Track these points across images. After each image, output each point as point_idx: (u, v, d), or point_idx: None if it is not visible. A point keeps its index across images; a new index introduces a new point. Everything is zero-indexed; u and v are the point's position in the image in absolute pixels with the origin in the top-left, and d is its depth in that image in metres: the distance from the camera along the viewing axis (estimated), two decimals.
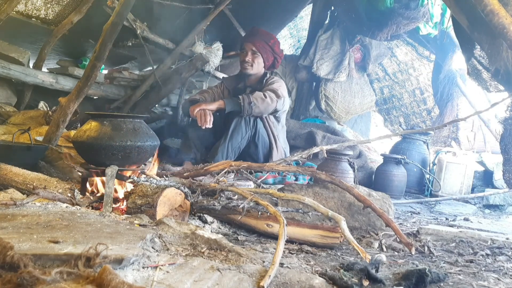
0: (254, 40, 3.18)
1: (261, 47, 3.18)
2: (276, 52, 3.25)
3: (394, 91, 5.60)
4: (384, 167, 3.18)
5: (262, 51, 3.19)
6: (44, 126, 3.10)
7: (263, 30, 3.27)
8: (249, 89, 3.26)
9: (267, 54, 3.21)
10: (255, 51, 3.18)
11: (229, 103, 2.92)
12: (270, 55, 3.24)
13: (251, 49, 3.18)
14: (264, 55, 3.20)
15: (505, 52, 1.97)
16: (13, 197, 1.63)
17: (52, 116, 2.86)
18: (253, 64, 3.19)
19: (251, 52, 3.19)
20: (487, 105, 4.61)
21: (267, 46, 3.20)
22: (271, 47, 3.21)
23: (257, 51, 3.17)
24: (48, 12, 3.49)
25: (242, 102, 2.88)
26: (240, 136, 3.00)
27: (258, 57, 3.19)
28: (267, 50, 3.21)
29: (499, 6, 1.79)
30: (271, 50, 3.22)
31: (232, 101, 2.93)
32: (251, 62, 3.19)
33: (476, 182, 3.51)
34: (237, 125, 2.98)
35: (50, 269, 0.83)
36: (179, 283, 0.96)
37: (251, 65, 3.20)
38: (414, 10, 3.74)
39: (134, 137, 1.84)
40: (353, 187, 1.81)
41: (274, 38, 3.28)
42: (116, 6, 2.33)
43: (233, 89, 3.35)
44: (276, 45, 3.25)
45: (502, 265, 1.44)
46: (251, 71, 3.21)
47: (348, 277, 1.12)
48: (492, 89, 2.99)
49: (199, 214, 1.73)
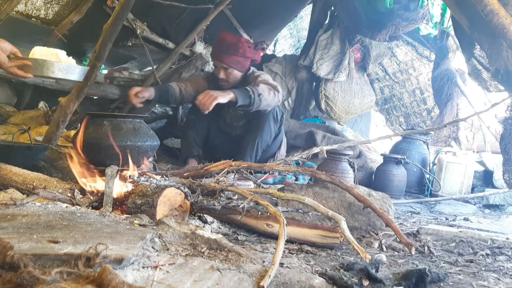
0: (222, 57, 2.92)
1: (231, 62, 2.93)
2: (249, 56, 2.98)
3: (394, 91, 5.61)
4: (384, 167, 3.17)
5: (234, 65, 2.95)
6: (44, 126, 3.10)
7: (229, 39, 2.93)
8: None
9: (240, 64, 2.98)
10: (226, 67, 2.95)
11: (240, 95, 2.65)
12: (244, 62, 2.99)
13: (222, 66, 2.96)
14: (237, 66, 2.96)
15: (505, 52, 1.97)
16: (13, 197, 1.63)
17: (52, 116, 2.86)
18: (229, 79, 2.99)
19: (223, 69, 2.96)
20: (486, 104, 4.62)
21: (237, 58, 2.94)
22: (242, 55, 2.94)
23: (228, 67, 2.94)
24: (48, 12, 3.49)
25: (252, 94, 2.66)
26: (269, 135, 2.93)
27: (231, 71, 2.97)
28: (239, 61, 2.96)
29: (499, 6, 1.79)
30: (243, 59, 2.96)
31: (243, 93, 2.67)
32: (225, 79, 2.99)
33: (476, 182, 3.51)
34: (266, 122, 2.87)
35: (50, 269, 0.83)
36: (179, 283, 0.96)
37: (226, 81, 3.00)
38: (414, 12, 3.74)
39: (134, 137, 1.84)
40: (353, 187, 1.81)
41: (242, 46, 2.93)
42: (116, 6, 2.33)
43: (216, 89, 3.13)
44: (247, 52, 2.95)
45: (502, 265, 1.44)
46: (229, 86, 2.98)
47: (348, 277, 1.12)
48: (492, 89, 3.00)
49: (199, 214, 1.73)
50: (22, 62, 1.68)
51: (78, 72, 1.84)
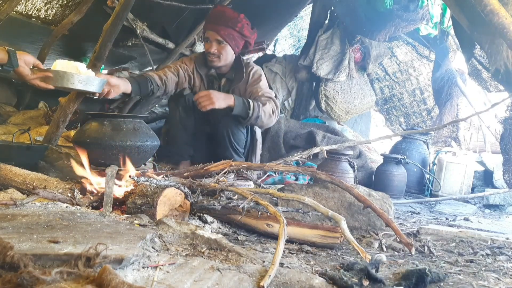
0: (218, 28, 2.67)
1: (227, 35, 2.68)
2: (246, 35, 2.77)
3: (394, 91, 5.61)
4: (384, 167, 3.18)
5: (229, 39, 2.70)
6: (44, 126, 3.10)
7: (228, 12, 2.73)
8: (224, 79, 2.87)
9: (236, 41, 2.74)
10: (220, 40, 2.69)
11: (238, 106, 2.53)
12: (240, 41, 2.76)
13: (216, 38, 2.69)
14: (232, 43, 2.72)
15: (505, 52, 1.97)
16: (13, 197, 1.63)
17: (52, 116, 2.86)
18: (220, 55, 2.72)
19: (216, 42, 2.69)
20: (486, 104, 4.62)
21: (234, 32, 2.70)
22: (239, 31, 2.72)
23: (223, 41, 2.69)
24: (48, 12, 3.49)
25: (251, 113, 2.54)
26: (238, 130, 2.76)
27: (225, 46, 2.71)
28: (235, 37, 2.72)
29: (499, 6, 1.79)
30: (239, 35, 2.74)
31: (243, 106, 2.55)
32: (217, 54, 2.72)
33: (476, 182, 3.51)
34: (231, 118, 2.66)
35: (50, 269, 0.83)
36: (179, 283, 0.96)
37: (217, 57, 2.73)
38: (413, 12, 3.74)
39: (134, 137, 1.84)
40: (353, 187, 1.81)
41: (241, 21, 2.73)
42: (116, 6, 2.33)
43: (205, 75, 2.90)
44: (245, 28, 2.75)
45: (502, 265, 1.44)
46: (219, 63, 2.76)
47: (348, 277, 1.12)
48: (492, 89, 3.00)
49: (199, 214, 1.73)
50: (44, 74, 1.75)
51: (97, 83, 1.97)
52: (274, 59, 4.86)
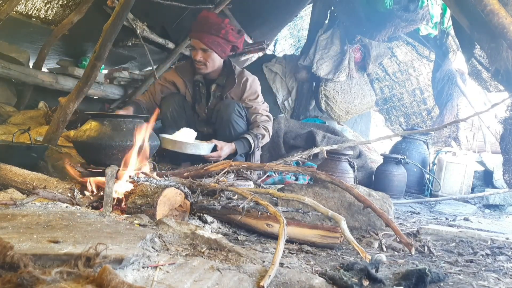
0: (202, 36, 2.66)
1: (211, 42, 2.67)
2: (232, 40, 2.75)
3: (394, 91, 5.61)
4: (384, 167, 3.18)
5: (214, 46, 2.69)
6: (44, 126, 3.10)
7: (212, 18, 2.69)
8: (214, 85, 2.86)
9: (221, 47, 2.72)
10: (205, 48, 2.68)
11: (240, 149, 2.67)
12: (225, 46, 2.74)
13: (201, 47, 2.69)
14: (218, 49, 2.71)
15: (505, 52, 1.97)
16: (13, 197, 1.63)
17: (52, 116, 2.86)
18: (207, 63, 2.73)
19: (201, 50, 2.70)
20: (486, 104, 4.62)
21: (218, 39, 2.68)
22: (224, 37, 2.69)
23: (208, 48, 2.69)
24: (48, 12, 3.49)
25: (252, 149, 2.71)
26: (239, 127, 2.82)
27: (210, 54, 2.71)
28: (220, 43, 2.70)
29: (499, 6, 1.79)
30: (224, 41, 2.71)
31: (243, 147, 2.70)
32: (203, 62, 2.73)
33: (476, 182, 3.51)
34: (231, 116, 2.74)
35: (50, 269, 0.83)
36: (179, 283, 0.96)
37: (204, 65, 2.74)
38: (413, 13, 3.74)
39: (134, 137, 1.84)
40: (353, 187, 1.81)
41: (225, 27, 2.70)
42: (116, 6, 2.33)
43: (189, 80, 2.89)
44: (229, 34, 2.72)
45: (502, 265, 1.44)
46: (206, 70, 2.77)
47: (348, 277, 1.11)
48: (492, 89, 3.00)
49: (199, 214, 1.73)
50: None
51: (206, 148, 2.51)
52: (274, 59, 4.86)
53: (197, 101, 2.92)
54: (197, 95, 2.91)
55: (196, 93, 2.90)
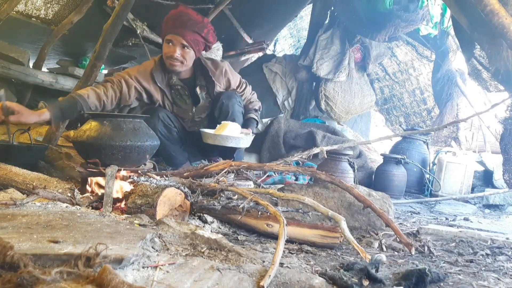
0: (185, 33, 2.49)
1: (193, 40, 2.53)
2: (210, 41, 2.64)
3: (394, 91, 5.61)
4: (384, 167, 3.18)
5: (194, 44, 2.55)
6: (44, 126, 3.10)
7: (193, 15, 2.55)
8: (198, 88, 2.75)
9: (199, 46, 2.59)
10: (185, 45, 2.53)
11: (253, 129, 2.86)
12: (202, 46, 2.62)
13: (181, 43, 2.52)
14: (196, 48, 2.58)
15: (505, 52, 1.97)
16: (13, 197, 1.63)
17: None
18: (184, 61, 2.57)
19: (181, 46, 2.53)
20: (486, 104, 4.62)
21: (199, 38, 2.55)
22: (205, 37, 2.57)
23: (188, 46, 2.53)
24: (48, 12, 3.49)
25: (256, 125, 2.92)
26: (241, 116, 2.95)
27: (189, 51, 2.56)
28: (199, 42, 2.57)
29: (499, 6, 1.79)
30: (203, 41, 2.59)
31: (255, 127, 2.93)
32: (180, 59, 2.55)
33: (476, 182, 3.51)
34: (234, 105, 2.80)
35: (50, 269, 0.83)
36: (179, 283, 0.96)
37: (180, 62, 2.57)
38: (413, 13, 3.74)
39: (134, 137, 1.84)
40: (353, 187, 1.81)
41: (207, 26, 2.59)
42: (116, 6, 2.33)
43: (166, 85, 2.70)
44: (210, 34, 2.61)
45: (502, 265, 1.44)
46: (181, 68, 2.61)
47: (348, 277, 1.12)
48: (492, 89, 3.00)
49: (199, 214, 1.73)
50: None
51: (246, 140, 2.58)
52: (274, 59, 4.86)
53: (179, 105, 2.78)
54: (178, 100, 2.77)
55: (176, 97, 2.76)
